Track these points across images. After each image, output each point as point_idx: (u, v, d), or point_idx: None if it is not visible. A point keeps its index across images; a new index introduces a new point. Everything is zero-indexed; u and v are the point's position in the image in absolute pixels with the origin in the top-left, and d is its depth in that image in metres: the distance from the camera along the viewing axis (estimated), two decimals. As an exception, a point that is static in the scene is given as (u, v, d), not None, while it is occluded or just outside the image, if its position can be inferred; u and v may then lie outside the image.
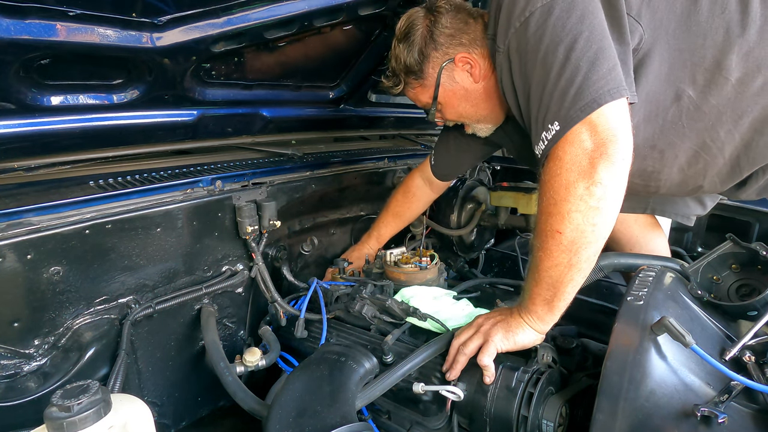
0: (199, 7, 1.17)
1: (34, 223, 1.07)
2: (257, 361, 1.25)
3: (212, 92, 1.48)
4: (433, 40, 1.26)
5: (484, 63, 1.26)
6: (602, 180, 0.91)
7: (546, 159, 0.98)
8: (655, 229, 1.68)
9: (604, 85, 0.92)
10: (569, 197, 0.93)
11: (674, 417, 0.81)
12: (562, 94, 0.94)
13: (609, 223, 0.95)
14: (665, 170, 1.20)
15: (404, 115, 2.41)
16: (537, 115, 1.01)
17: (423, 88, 1.34)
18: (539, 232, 1.00)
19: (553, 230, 0.96)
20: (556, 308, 1.03)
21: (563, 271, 0.98)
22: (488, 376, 1.06)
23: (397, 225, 1.86)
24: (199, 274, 1.40)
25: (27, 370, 1.09)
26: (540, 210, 1.00)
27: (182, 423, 1.46)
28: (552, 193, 0.95)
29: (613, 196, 0.93)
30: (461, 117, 1.40)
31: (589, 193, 0.91)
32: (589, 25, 0.95)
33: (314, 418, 0.91)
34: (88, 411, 0.72)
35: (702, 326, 1.03)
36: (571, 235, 0.94)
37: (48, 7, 0.97)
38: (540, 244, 0.99)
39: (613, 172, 0.91)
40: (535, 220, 1.03)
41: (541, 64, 0.98)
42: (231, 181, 1.47)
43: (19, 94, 1.10)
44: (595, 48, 0.93)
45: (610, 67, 0.93)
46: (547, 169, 0.97)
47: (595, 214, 0.92)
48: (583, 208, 0.92)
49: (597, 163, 0.91)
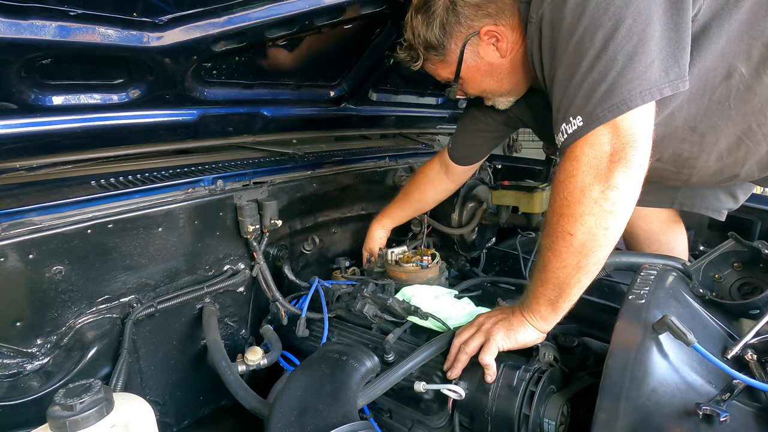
0: (199, 7, 1.17)
1: (35, 222, 1.07)
2: (259, 360, 1.25)
3: (213, 91, 1.48)
4: (455, 12, 1.14)
5: (512, 35, 1.15)
6: (618, 184, 0.89)
7: (563, 156, 0.96)
8: (677, 226, 1.63)
9: (638, 86, 0.87)
10: (583, 200, 0.91)
11: (676, 416, 0.80)
12: (592, 88, 0.89)
13: (621, 227, 0.94)
14: (702, 156, 1.13)
15: (405, 114, 2.40)
16: (560, 103, 0.96)
17: (444, 63, 1.24)
18: (549, 232, 0.98)
19: (565, 231, 0.94)
20: (560, 309, 1.02)
21: (571, 273, 0.97)
22: (490, 375, 1.05)
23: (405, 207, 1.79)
24: (200, 274, 1.40)
25: (29, 370, 1.09)
26: (552, 209, 0.98)
27: (184, 422, 1.46)
28: (566, 194, 0.94)
29: (627, 201, 0.91)
30: (484, 92, 1.30)
31: (604, 197, 0.90)
32: (635, 10, 0.86)
33: (316, 416, 0.91)
34: (91, 410, 0.72)
35: (704, 325, 1.03)
36: (583, 237, 0.93)
37: (49, 7, 0.97)
38: (549, 244, 0.98)
39: (630, 177, 0.89)
40: (545, 218, 1.01)
41: (575, 48, 0.91)
42: (232, 180, 1.47)
43: (20, 94, 1.10)
44: (636, 39, 0.86)
45: (648, 63, 0.86)
46: (563, 168, 0.95)
47: (609, 218, 0.91)
48: (596, 211, 0.91)
49: (615, 167, 0.89)
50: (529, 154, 3.09)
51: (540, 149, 2.46)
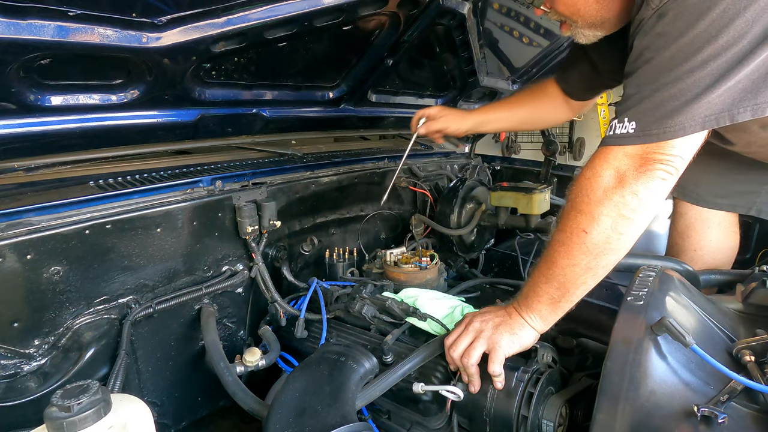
0: (199, 7, 1.17)
1: (34, 223, 1.07)
2: (257, 361, 1.25)
3: (212, 92, 1.48)
4: None
5: None
6: (640, 192, 0.90)
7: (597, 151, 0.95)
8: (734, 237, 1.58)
9: (704, 110, 0.84)
10: (604, 200, 0.92)
11: (674, 417, 0.80)
12: (662, 103, 0.87)
13: (636, 234, 0.94)
14: None
15: (404, 115, 2.40)
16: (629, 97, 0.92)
17: None
18: (564, 227, 0.97)
19: (580, 228, 0.94)
20: (560, 308, 1.02)
21: (579, 273, 0.96)
22: (500, 383, 1.03)
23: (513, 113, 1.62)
24: (199, 274, 1.40)
25: (27, 370, 1.09)
26: (571, 204, 0.97)
27: (182, 423, 1.46)
28: (588, 191, 0.94)
29: (646, 210, 0.92)
30: (575, 14, 1.09)
31: (625, 202, 0.90)
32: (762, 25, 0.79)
33: (314, 417, 0.91)
34: (88, 411, 0.72)
35: (702, 326, 1.03)
36: (597, 238, 0.93)
37: (48, 7, 0.97)
38: (562, 239, 0.97)
39: (652, 188, 0.90)
40: (561, 211, 1.00)
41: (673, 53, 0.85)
42: (231, 181, 1.47)
43: (19, 94, 1.10)
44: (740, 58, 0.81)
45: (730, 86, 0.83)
46: (592, 165, 0.95)
47: (626, 224, 0.92)
48: (614, 214, 0.91)
49: (640, 177, 0.90)
50: (527, 156, 3.09)
51: (539, 150, 2.46)
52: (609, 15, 1.07)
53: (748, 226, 1.86)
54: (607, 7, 1.05)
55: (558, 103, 1.58)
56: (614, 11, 1.05)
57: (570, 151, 5.69)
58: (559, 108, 1.59)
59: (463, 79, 2.24)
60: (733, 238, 1.61)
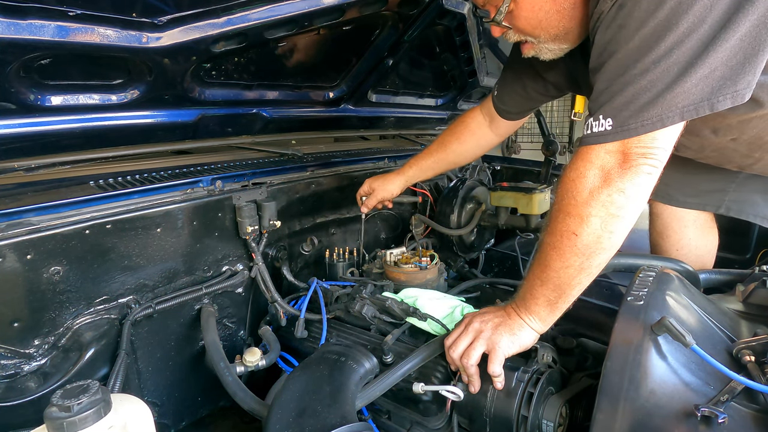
0: (199, 7, 1.17)
1: (34, 223, 1.07)
2: (257, 361, 1.25)
3: (212, 92, 1.48)
4: None
5: None
6: (626, 189, 0.89)
7: (578, 150, 0.95)
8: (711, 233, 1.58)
9: (682, 101, 0.83)
10: (591, 201, 0.91)
11: (674, 417, 0.80)
12: (635, 96, 0.86)
13: (625, 231, 0.94)
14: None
15: (404, 115, 2.41)
16: (600, 95, 0.92)
17: None
18: (554, 230, 0.97)
19: (570, 231, 0.94)
20: (557, 309, 1.02)
21: (573, 274, 0.96)
22: (500, 383, 1.03)
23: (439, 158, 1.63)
24: (199, 274, 1.40)
25: (27, 370, 1.09)
26: (558, 207, 0.97)
27: (182, 423, 1.46)
28: (575, 193, 0.94)
29: (635, 206, 0.92)
30: (537, 28, 1.06)
31: (612, 200, 0.90)
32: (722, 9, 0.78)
33: (314, 417, 0.91)
34: (88, 411, 0.72)
35: (702, 326, 1.03)
36: (587, 239, 0.93)
37: (48, 7, 0.97)
38: (553, 242, 0.97)
39: (638, 184, 0.90)
40: (549, 215, 1.00)
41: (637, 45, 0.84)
42: (231, 181, 1.47)
43: (19, 94, 1.10)
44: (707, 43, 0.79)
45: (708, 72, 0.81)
46: (575, 166, 0.95)
47: (615, 222, 0.91)
48: (603, 213, 0.91)
49: (625, 174, 0.89)
50: (527, 156, 3.09)
51: (539, 150, 2.46)
52: (571, 24, 1.05)
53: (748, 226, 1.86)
54: (568, 16, 1.03)
55: (482, 133, 1.59)
56: (576, 19, 1.03)
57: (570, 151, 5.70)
58: (483, 138, 1.60)
59: (463, 79, 2.24)
60: (712, 234, 1.61)
